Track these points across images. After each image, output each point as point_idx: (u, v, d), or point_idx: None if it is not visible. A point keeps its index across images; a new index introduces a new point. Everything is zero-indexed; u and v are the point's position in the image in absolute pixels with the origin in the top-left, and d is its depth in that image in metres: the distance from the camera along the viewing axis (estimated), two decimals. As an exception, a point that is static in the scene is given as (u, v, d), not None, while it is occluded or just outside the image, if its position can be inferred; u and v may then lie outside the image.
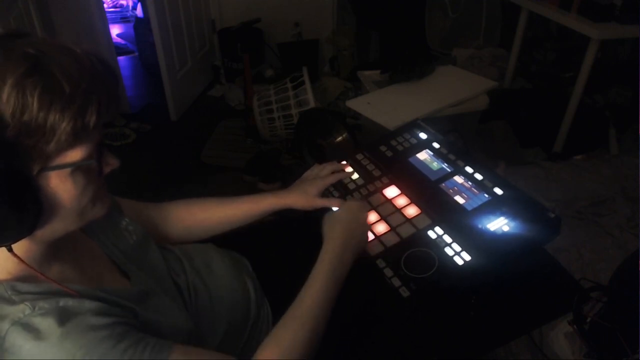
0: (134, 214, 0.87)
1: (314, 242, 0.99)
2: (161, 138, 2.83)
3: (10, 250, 0.56)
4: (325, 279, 0.79)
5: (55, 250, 0.64)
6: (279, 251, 1.01)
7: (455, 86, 2.10)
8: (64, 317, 0.56)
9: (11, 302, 0.56)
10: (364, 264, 0.85)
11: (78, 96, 0.53)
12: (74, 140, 0.54)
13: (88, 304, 0.59)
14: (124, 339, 0.58)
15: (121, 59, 3.83)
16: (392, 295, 0.79)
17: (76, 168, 0.57)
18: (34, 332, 0.54)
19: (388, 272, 0.82)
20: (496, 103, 2.14)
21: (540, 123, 2.45)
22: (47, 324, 0.55)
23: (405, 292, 0.79)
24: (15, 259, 0.57)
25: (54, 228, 0.59)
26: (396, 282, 0.80)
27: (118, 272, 0.74)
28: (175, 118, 3.00)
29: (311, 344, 0.73)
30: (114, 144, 2.67)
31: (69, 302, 0.58)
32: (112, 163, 0.62)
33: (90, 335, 0.56)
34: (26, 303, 0.56)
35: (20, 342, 0.54)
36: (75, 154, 0.56)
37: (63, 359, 0.54)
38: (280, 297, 0.91)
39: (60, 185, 0.56)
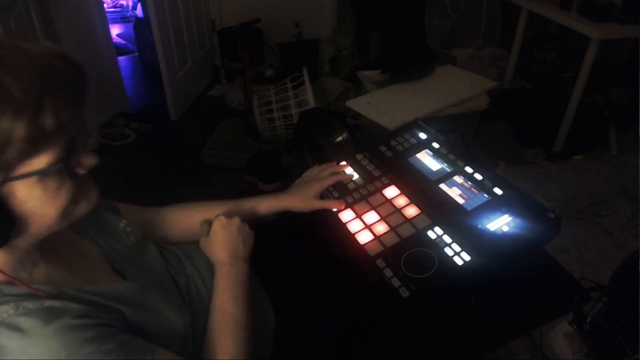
0: (132, 217, 0.87)
1: (314, 242, 0.99)
2: (161, 138, 2.83)
3: None
4: (230, 290, 0.82)
5: (41, 252, 0.63)
6: (279, 251, 1.01)
7: (455, 86, 2.10)
8: (49, 317, 0.56)
9: None
10: (364, 264, 0.86)
11: (30, 101, 0.50)
12: (35, 147, 0.52)
13: (74, 306, 0.59)
14: (108, 341, 0.58)
15: (121, 59, 3.83)
16: (392, 295, 0.79)
17: (42, 175, 0.54)
18: (19, 331, 0.54)
19: (388, 272, 0.82)
20: (496, 103, 2.13)
21: (540, 123, 2.45)
22: (31, 323, 0.55)
23: (405, 292, 0.79)
24: None
25: (34, 233, 0.58)
26: (396, 282, 0.80)
27: (114, 273, 0.74)
28: (175, 118, 3.00)
29: (249, 343, 0.77)
30: (114, 144, 2.68)
31: (55, 304, 0.58)
32: (86, 163, 0.59)
33: (75, 336, 0.56)
34: (10, 304, 0.56)
35: (4, 341, 0.54)
36: (40, 161, 0.53)
37: (47, 357, 0.54)
38: (280, 298, 0.91)
39: (29, 194, 0.54)
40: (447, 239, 0.86)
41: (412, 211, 0.94)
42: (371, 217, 0.94)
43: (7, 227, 0.53)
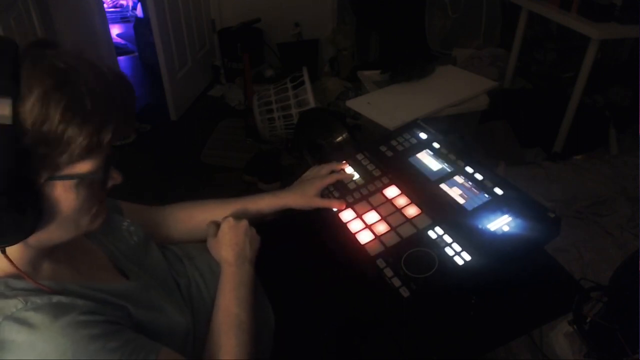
0: (135, 216, 0.88)
1: (314, 242, 0.99)
2: (161, 138, 2.83)
3: (3, 252, 0.56)
4: (235, 292, 0.82)
5: (49, 251, 0.64)
6: (279, 251, 1.01)
7: (455, 86, 2.10)
8: (57, 313, 0.57)
9: (4, 297, 0.57)
10: (364, 264, 0.86)
11: (98, 114, 0.55)
12: (86, 154, 0.56)
13: (81, 303, 0.60)
14: (114, 339, 0.59)
15: (121, 59, 3.83)
16: (392, 295, 0.79)
17: (81, 180, 0.58)
18: (27, 326, 0.55)
19: (388, 272, 0.82)
20: (496, 103, 2.13)
21: (540, 123, 2.45)
22: (39, 318, 0.56)
23: (405, 292, 0.79)
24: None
25: (49, 235, 0.60)
26: (396, 282, 0.80)
27: (117, 272, 0.74)
28: (175, 118, 3.00)
29: (252, 345, 0.78)
30: (114, 144, 2.67)
31: (63, 300, 0.59)
32: (115, 178, 0.64)
33: (82, 333, 0.57)
34: (19, 298, 0.57)
35: (12, 336, 0.55)
36: (84, 166, 0.57)
37: (54, 353, 0.55)
38: (280, 298, 0.91)
39: (64, 194, 0.57)
40: (447, 238, 0.86)
41: (412, 211, 0.93)
42: (372, 217, 0.94)
43: (36, 221, 0.55)
